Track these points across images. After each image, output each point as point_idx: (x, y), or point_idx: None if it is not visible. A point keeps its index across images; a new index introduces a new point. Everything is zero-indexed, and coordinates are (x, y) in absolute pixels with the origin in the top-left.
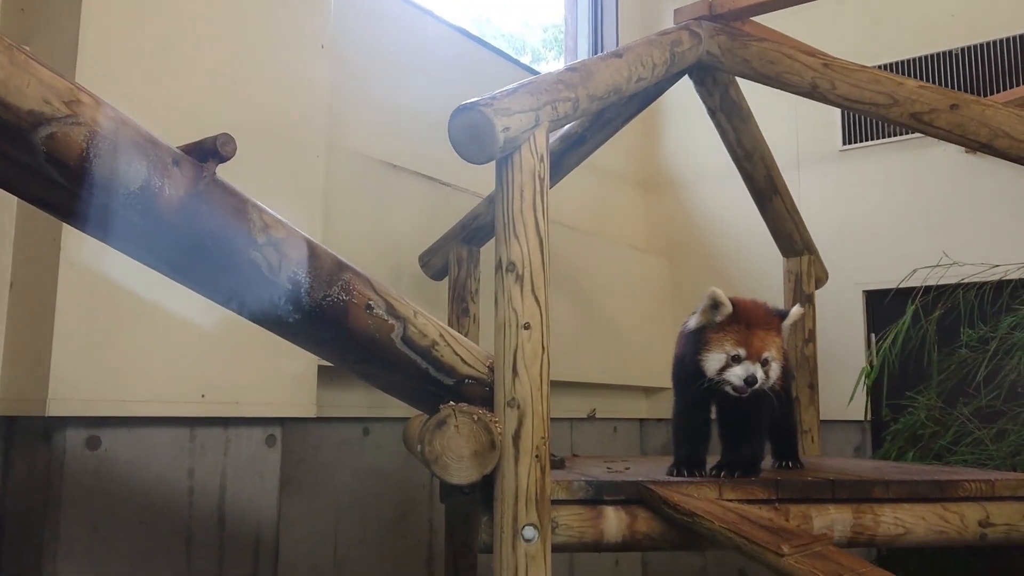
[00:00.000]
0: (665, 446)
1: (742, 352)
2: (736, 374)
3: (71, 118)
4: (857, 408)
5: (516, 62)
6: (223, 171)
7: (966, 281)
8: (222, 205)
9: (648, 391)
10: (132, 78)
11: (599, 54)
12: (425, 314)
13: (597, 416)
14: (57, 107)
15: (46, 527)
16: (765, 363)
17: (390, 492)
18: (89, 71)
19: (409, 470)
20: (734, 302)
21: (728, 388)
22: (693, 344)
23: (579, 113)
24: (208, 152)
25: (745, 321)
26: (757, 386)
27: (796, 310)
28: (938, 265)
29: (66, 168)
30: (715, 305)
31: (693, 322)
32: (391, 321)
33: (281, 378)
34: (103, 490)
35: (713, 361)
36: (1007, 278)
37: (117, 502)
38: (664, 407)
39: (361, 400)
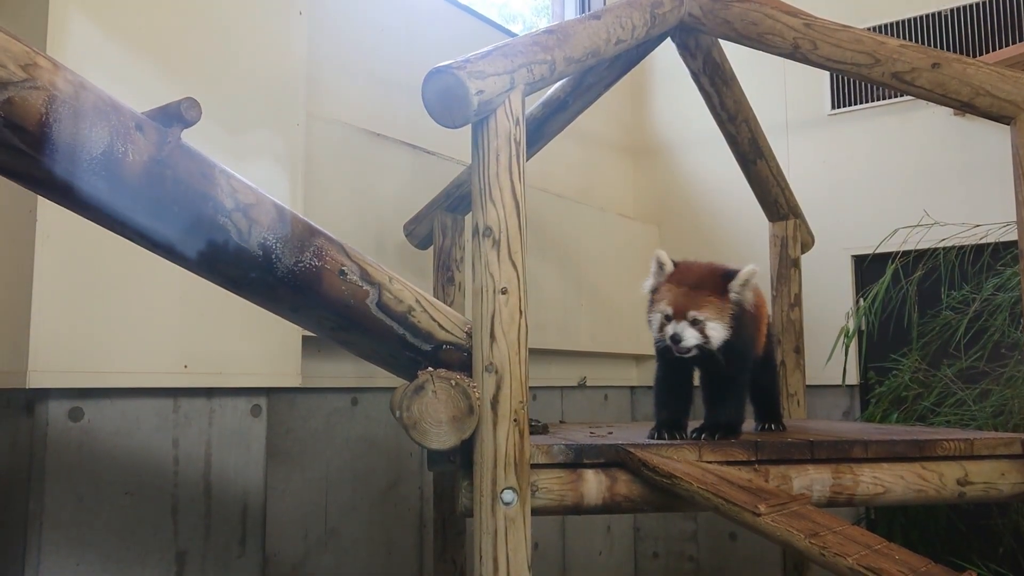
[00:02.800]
0: None
1: (670, 311)
2: (667, 332)
3: (28, 82)
4: (843, 373)
5: (503, 29)
6: (201, 141)
7: (948, 243)
8: (188, 170)
9: (638, 359)
10: (104, 44)
11: (577, 16)
12: (401, 280)
13: (587, 384)
14: (13, 71)
15: (30, 499)
16: (696, 323)
17: (380, 461)
18: (60, 38)
19: (399, 439)
20: (678, 263)
21: (673, 348)
22: (648, 306)
23: (556, 76)
24: (172, 117)
25: (677, 280)
26: (684, 345)
27: (747, 270)
28: (919, 225)
29: (26, 133)
30: (660, 267)
31: (646, 285)
32: (365, 287)
33: (265, 348)
34: (87, 461)
35: (653, 321)
36: (986, 241)
37: (102, 473)
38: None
39: (349, 370)
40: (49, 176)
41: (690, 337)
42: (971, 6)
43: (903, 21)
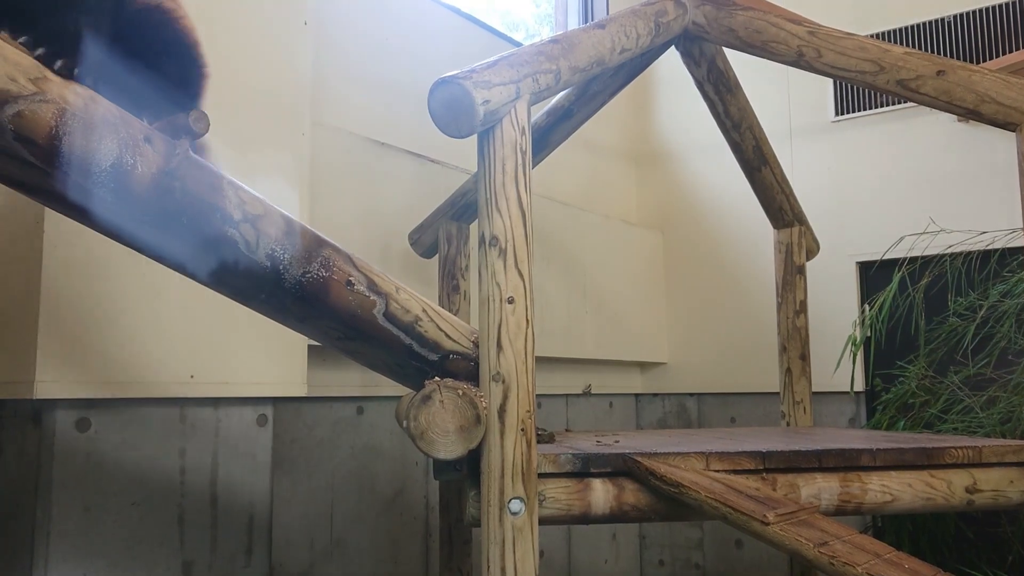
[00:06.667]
0: (661, 420)
1: None
2: None
3: (38, 95)
4: (850, 379)
5: (506, 38)
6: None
7: (954, 249)
8: (196, 182)
9: (643, 366)
10: None
11: (582, 25)
12: (407, 290)
13: (592, 392)
14: (23, 84)
15: (37, 509)
16: None
17: (385, 470)
18: None
19: (404, 448)
20: None
21: None
22: None
23: (561, 85)
24: (181, 129)
25: None
26: None
27: None
28: (925, 232)
29: (35, 146)
30: None
31: None
32: (372, 297)
33: (271, 358)
34: (94, 471)
35: None
36: (994, 246)
37: (108, 483)
38: (660, 382)
39: (355, 379)
40: (58, 188)
41: None
42: (974, 12)
43: (906, 28)
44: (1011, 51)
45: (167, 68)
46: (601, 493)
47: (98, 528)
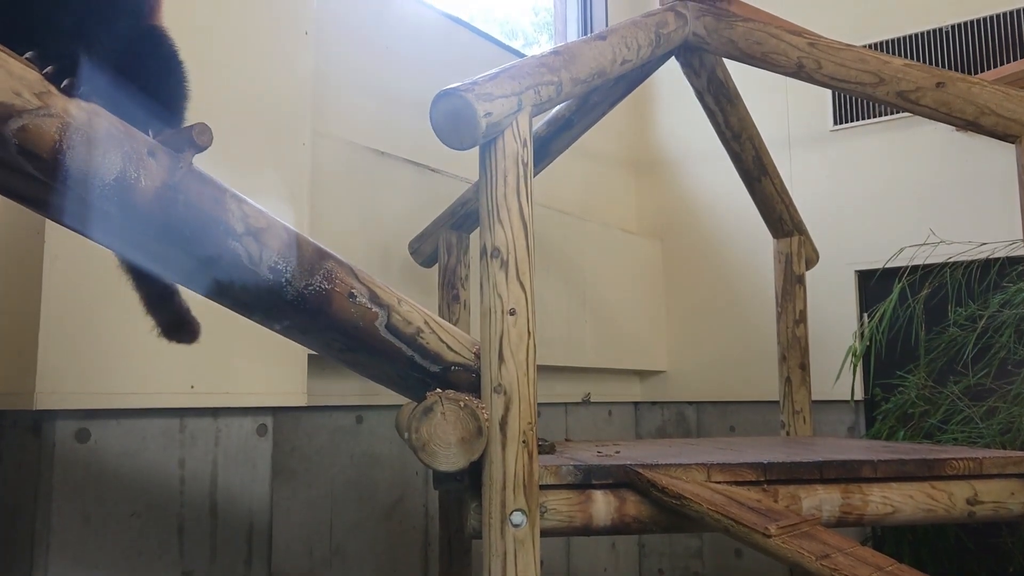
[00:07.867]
0: (660, 428)
1: None
2: None
3: (42, 110)
4: (850, 388)
5: (506, 47)
6: (206, 161)
7: (954, 259)
8: (199, 195)
9: (642, 374)
10: None
11: (583, 37)
12: (409, 301)
13: (591, 400)
14: (28, 99)
15: (37, 519)
16: None
17: (385, 479)
18: None
19: (403, 457)
20: None
21: None
22: None
23: (562, 97)
24: (184, 142)
25: None
26: None
27: None
28: (925, 243)
29: (39, 160)
30: None
31: None
32: (374, 309)
33: (271, 368)
34: (94, 482)
35: None
36: (994, 256)
37: (108, 493)
38: (659, 390)
39: (354, 388)
40: (61, 202)
41: None
42: (972, 23)
43: (904, 38)
44: (1009, 61)
45: (165, 85)
46: (603, 505)
47: (98, 538)
